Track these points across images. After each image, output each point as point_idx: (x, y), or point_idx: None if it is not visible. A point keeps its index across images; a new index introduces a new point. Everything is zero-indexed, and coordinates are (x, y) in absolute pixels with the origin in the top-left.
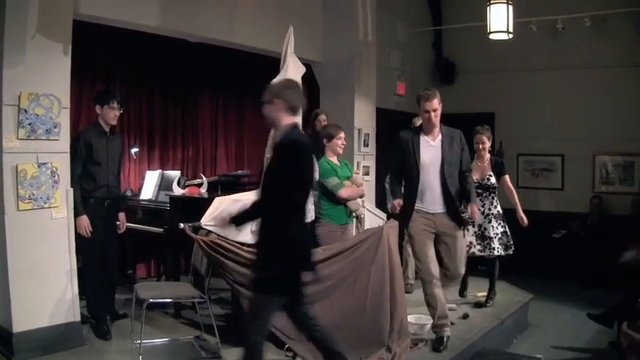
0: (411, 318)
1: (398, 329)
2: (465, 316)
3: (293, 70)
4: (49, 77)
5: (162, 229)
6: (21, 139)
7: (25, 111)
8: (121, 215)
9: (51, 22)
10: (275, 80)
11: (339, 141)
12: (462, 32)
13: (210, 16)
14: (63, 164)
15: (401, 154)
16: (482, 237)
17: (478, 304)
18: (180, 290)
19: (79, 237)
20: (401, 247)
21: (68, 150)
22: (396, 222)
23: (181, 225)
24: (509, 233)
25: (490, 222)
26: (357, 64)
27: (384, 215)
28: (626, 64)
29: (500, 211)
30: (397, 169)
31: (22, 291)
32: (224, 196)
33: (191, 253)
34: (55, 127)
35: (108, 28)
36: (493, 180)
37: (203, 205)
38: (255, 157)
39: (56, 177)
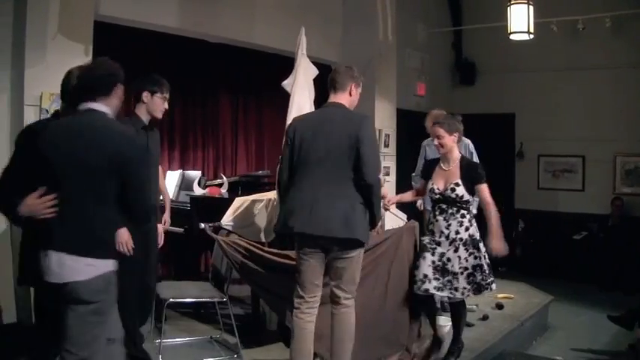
0: None
1: (417, 330)
2: (485, 318)
3: (304, 72)
4: None
5: (182, 229)
6: None
7: (47, 111)
8: (160, 227)
9: (72, 23)
10: (285, 82)
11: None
12: (482, 33)
13: (230, 17)
14: None
15: None
16: (443, 271)
17: (498, 306)
18: (200, 290)
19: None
20: None
21: None
22: (416, 223)
23: (202, 225)
24: (486, 267)
25: (457, 250)
26: (377, 65)
27: (404, 216)
28: None
29: (476, 236)
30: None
31: None
32: (244, 196)
33: (211, 253)
34: None
35: (128, 29)
36: (461, 190)
37: (224, 205)
38: (275, 157)
39: None
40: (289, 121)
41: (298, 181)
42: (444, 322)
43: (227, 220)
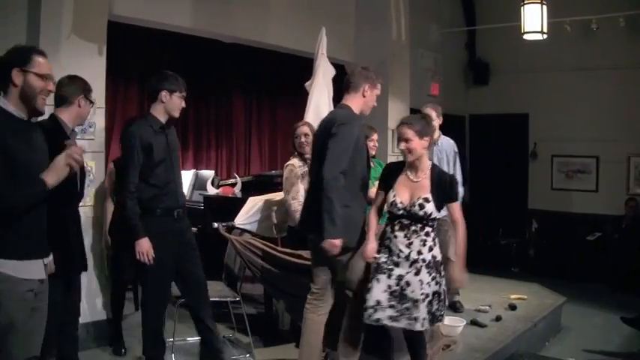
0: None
1: (430, 332)
2: (498, 319)
3: (323, 73)
4: (84, 77)
5: (195, 229)
6: None
7: None
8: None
9: (86, 23)
10: (307, 83)
11: (371, 142)
12: (495, 32)
13: (243, 17)
14: (98, 163)
15: None
16: (401, 297)
17: (511, 307)
18: (213, 289)
19: (141, 265)
20: None
21: (103, 149)
22: None
23: (215, 224)
24: (443, 293)
25: (418, 273)
26: (391, 65)
27: None
28: None
29: (439, 258)
30: None
31: None
32: (258, 196)
33: (224, 253)
34: (90, 127)
35: (141, 29)
36: (430, 208)
37: (237, 204)
38: (288, 156)
39: (91, 176)
40: (306, 120)
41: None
42: (456, 322)
43: (240, 219)
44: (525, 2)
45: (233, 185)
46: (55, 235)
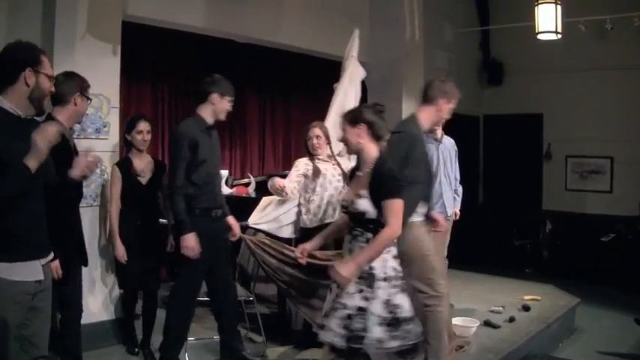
0: (457, 320)
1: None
2: (511, 320)
3: (350, 75)
4: (98, 77)
5: None
6: None
7: None
8: (231, 219)
9: (100, 24)
10: (336, 85)
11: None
12: (509, 32)
13: (257, 17)
14: (112, 163)
15: None
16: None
17: (524, 308)
18: None
19: (180, 260)
20: None
21: (117, 149)
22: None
23: None
24: (376, 319)
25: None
26: (404, 65)
27: None
28: None
29: (377, 272)
30: None
31: None
32: (271, 196)
33: (238, 253)
34: (104, 127)
35: (155, 29)
36: (364, 204)
37: (251, 204)
38: (302, 156)
39: (105, 175)
40: (327, 121)
41: None
42: (469, 322)
43: (254, 219)
44: (539, 2)
45: (247, 185)
46: (56, 234)
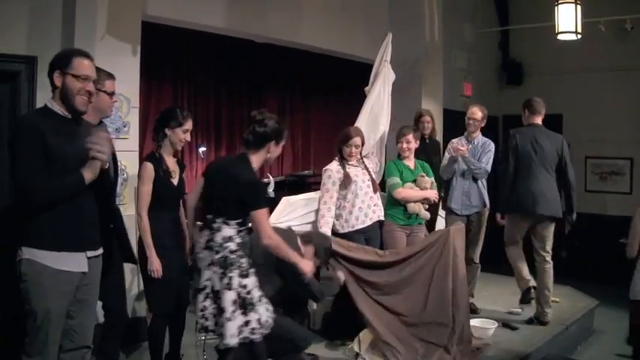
0: (475, 322)
1: (459, 333)
2: (530, 321)
3: (383, 80)
4: (118, 77)
5: None
6: None
7: None
8: None
9: (120, 24)
10: (367, 88)
11: (400, 144)
12: (529, 33)
13: (276, 17)
14: (132, 162)
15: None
16: (219, 309)
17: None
18: None
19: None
20: None
21: (137, 148)
22: (462, 224)
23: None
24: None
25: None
26: (424, 65)
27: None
28: None
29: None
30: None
31: None
32: (291, 196)
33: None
34: (124, 126)
35: (175, 29)
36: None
37: (270, 204)
38: (321, 156)
39: (125, 175)
40: (358, 123)
41: None
42: (487, 324)
43: (273, 219)
44: (559, 2)
45: (266, 185)
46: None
